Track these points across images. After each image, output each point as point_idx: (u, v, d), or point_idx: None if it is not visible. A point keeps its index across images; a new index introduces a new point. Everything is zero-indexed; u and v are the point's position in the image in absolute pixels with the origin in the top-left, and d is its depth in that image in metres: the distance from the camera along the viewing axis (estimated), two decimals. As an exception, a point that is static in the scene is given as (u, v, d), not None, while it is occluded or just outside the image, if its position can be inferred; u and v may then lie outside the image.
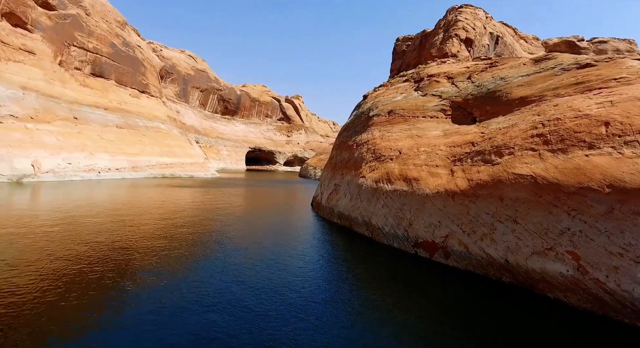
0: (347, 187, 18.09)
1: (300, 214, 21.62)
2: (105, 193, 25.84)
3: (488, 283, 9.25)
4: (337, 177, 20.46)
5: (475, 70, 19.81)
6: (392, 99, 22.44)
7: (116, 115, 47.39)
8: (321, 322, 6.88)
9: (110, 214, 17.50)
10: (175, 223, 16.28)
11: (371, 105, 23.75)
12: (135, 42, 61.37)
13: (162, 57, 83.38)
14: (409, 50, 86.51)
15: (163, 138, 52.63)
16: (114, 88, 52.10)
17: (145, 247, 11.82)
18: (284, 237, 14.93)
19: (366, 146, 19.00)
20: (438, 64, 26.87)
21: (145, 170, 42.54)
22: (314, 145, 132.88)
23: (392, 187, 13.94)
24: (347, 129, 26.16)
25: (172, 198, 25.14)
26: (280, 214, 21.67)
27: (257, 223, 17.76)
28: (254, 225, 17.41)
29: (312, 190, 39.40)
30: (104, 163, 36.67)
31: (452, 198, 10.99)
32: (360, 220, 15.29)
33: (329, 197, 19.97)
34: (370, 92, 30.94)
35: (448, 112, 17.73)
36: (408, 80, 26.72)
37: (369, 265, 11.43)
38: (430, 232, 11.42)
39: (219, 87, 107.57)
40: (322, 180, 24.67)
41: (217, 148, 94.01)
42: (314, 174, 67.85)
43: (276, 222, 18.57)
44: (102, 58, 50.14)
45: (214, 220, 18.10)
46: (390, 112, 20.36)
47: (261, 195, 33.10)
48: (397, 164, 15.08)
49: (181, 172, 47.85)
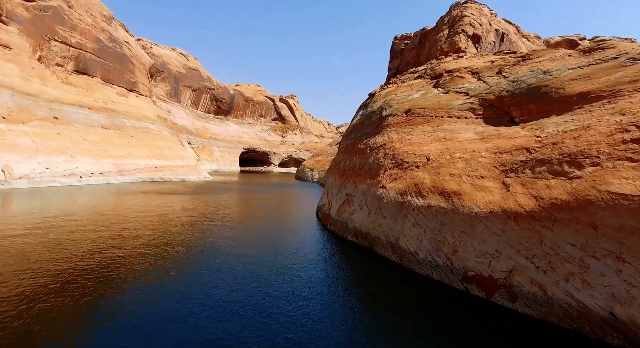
0: (363, 198, 15.60)
1: (306, 228, 19.08)
2: (82, 203, 23.01)
3: (585, 344, 6.84)
4: (349, 186, 17.97)
5: (505, 64, 17.49)
6: (408, 97, 20.04)
7: (102, 115, 44.33)
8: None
9: (80, 229, 14.78)
10: (158, 252, 13.63)
11: (383, 104, 21.34)
12: (123, 37, 58.19)
13: (152, 55, 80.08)
14: (408, 49, 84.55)
15: (153, 139, 49.64)
16: (100, 86, 48.99)
17: (117, 282, 9.21)
18: (289, 260, 12.39)
19: (383, 150, 16.56)
20: (454, 58, 24.56)
21: (132, 174, 39.58)
22: (309, 145, 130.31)
23: (425, 202, 11.49)
24: (355, 130, 23.72)
25: (158, 210, 22.42)
26: (282, 228, 19.10)
27: (255, 240, 15.18)
28: (253, 243, 14.82)
29: (313, 196, 36.98)
30: (87, 167, 33.68)
31: (515, 221, 8.57)
32: (384, 241, 12.81)
33: (341, 208, 17.46)
34: (377, 90, 28.56)
35: (478, 111, 15.38)
36: (421, 76, 24.37)
37: (404, 305, 8.94)
38: (484, 264, 8.99)
39: (211, 86, 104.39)
40: (329, 188, 22.17)
41: (210, 149, 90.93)
42: (312, 176, 65.32)
43: (278, 240, 16.01)
44: (86, 54, 46.99)
45: (204, 241, 15.48)
46: (409, 111, 17.95)
47: (258, 203, 30.48)
48: (427, 173, 12.64)
49: (172, 175, 44.94)
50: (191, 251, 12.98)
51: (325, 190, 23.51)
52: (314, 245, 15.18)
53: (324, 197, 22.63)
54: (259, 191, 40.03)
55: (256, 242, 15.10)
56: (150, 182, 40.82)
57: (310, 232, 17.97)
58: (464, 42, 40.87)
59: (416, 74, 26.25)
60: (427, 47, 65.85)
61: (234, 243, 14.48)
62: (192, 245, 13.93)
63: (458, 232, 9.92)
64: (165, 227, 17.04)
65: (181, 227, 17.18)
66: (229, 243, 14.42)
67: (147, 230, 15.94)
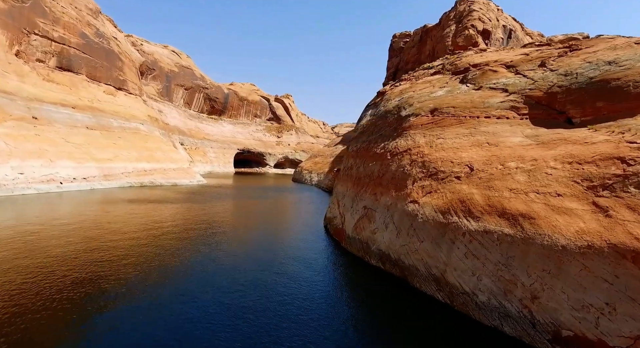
0: (387, 214, 13.11)
1: (316, 247, 16.50)
2: (56, 214, 20.20)
3: None
4: (366, 197, 15.46)
5: (547, 56, 15.13)
6: (431, 94, 17.62)
7: (87, 115, 41.25)
8: None
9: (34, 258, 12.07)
10: (143, 278, 11.02)
11: (399, 103, 18.89)
12: (111, 33, 55.03)
13: (143, 52, 76.81)
14: (408, 47, 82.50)
15: (142, 140, 46.63)
16: (85, 84, 45.87)
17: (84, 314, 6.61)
18: (300, 294, 9.85)
19: (408, 157, 14.09)
20: (476, 52, 22.20)
21: (119, 179, 36.63)
22: (305, 146, 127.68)
23: (480, 226, 9.03)
24: (366, 132, 21.25)
25: (144, 224, 19.73)
26: (287, 247, 16.51)
27: (256, 265, 12.61)
28: (253, 268, 12.25)
29: (316, 202, 34.44)
30: (68, 171, 30.71)
31: (636, 262, 6.12)
32: (424, 272, 10.32)
33: (359, 224, 14.95)
34: (387, 88, 26.13)
35: (522, 110, 13.00)
36: (440, 72, 21.99)
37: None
38: (588, 321, 6.53)
39: (205, 85, 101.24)
40: (339, 197, 19.65)
41: (203, 150, 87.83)
42: (310, 178, 62.71)
43: (284, 264, 13.44)
44: (70, 49, 43.84)
45: (195, 262, 12.87)
46: (435, 110, 15.51)
47: (256, 212, 27.86)
48: (475, 187, 10.20)
49: (163, 179, 42.03)
50: (180, 280, 10.38)
51: (333, 199, 20.99)
52: (329, 272, 12.65)
53: (333, 207, 20.11)
54: (256, 197, 37.35)
55: (257, 266, 12.53)
56: (140, 186, 37.89)
57: (322, 253, 15.42)
58: (474, 37, 38.70)
59: (431, 69, 23.87)
60: (430, 44, 63.69)
61: (229, 271, 11.89)
62: (181, 273, 11.33)
63: (537, 270, 7.47)
64: (150, 257, 14.39)
65: (169, 251, 14.54)
66: (224, 268, 11.84)
67: (127, 260, 13.28)
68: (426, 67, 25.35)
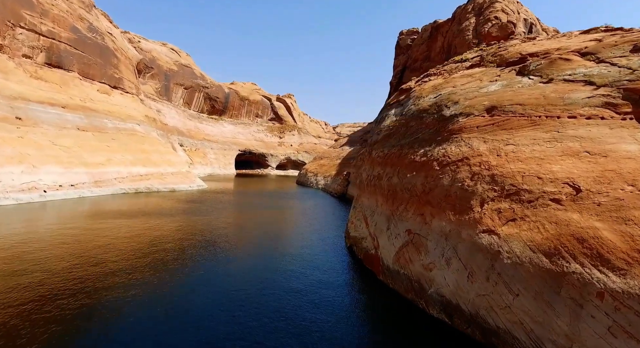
0: (447, 244, 10.00)
1: (342, 280, 13.34)
2: (29, 233, 17.11)
3: None
4: (409, 218, 12.35)
5: (636, 39, 12.02)
6: (480, 89, 14.51)
7: (78, 115, 38.16)
8: None
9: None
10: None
11: (438, 100, 15.79)
12: (105, 28, 51.94)
13: (140, 50, 73.75)
14: (416, 44, 79.22)
15: (138, 142, 43.53)
16: (77, 82, 42.79)
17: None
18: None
19: (466, 168, 10.99)
20: (523, 40, 19.06)
21: (112, 185, 33.52)
22: (307, 147, 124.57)
23: (632, 285, 5.91)
24: (394, 134, 18.16)
25: (135, 249, 16.66)
26: (307, 280, 13.37)
27: (273, 313, 9.51)
28: (266, 320, 9.14)
29: (327, 210, 31.20)
30: (53, 178, 27.61)
31: None
32: (528, 345, 7.17)
33: (402, 253, 11.83)
34: (412, 84, 23.01)
35: (623, 107, 9.90)
36: (479, 64, 18.91)
37: None
38: None
39: (205, 85, 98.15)
40: (367, 212, 16.54)
41: (203, 151, 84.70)
42: (316, 182, 59.56)
43: (302, 307, 10.33)
44: (60, 44, 40.75)
45: (194, 309, 9.78)
46: (493, 109, 12.41)
47: (264, 225, 24.76)
48: (595, 218, 7.08)
49: (160, 184, 38.90)
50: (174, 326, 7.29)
51: (358, 214, 17.88)
52: (369, 327, 9.52)
53: (359, 224, 17.00)
54: (262, 206, 34.20)
55: (273, 317, 9.41)
56: (134, 193, 34.79)
57: (352, 289, 12.29)
58: (497, 29, 35.59)
59: (466, 62, 20.77)
60: (441, 40, 60.45)
61: (234, 313, 8.79)
62: (193, 308, 8.23)
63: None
64: (148, 298, 11.29)
65: (171, 291, 11.46)
66: (230, 307, 8.73)
67: (117, 307, 10.19)
68: (458, 60, 22.23)
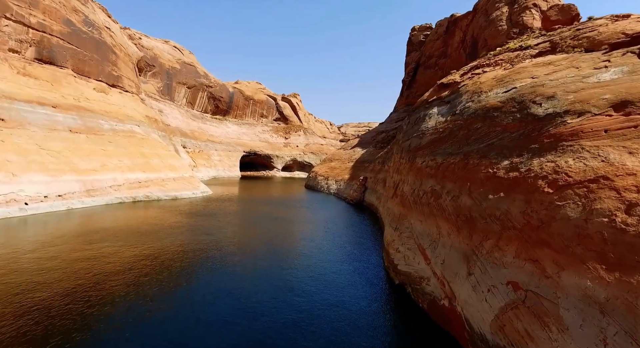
0: (610, 324, 6.25)
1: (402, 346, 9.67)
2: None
3: None
4: (510, 263, 8.61)
5: None
6: (586, 79, 10.76)
7: (71, 115, 34.69)
8: None
9: None
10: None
11: (517, 95, 12.05)
12: (103, 22, 48.50)
13: (141, 47, 70.37)
14: (430, 40, 75.11)
15: (137, 145, 40.03)
16: (72, 79, 39.32)
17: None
18: None
19: (610, 194, 7.22)
20: (612, 20, 15.25)
21: (107, 194, 30.01)
22: (314, 148, 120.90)
23: None
24: (444, 138, 14.49)
25: (119, 292, 13.09)
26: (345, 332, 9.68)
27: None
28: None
29: (347, 221, 26.49)
30: (37, 188, 24.11)
31: None
32: None
33: (507, 319, 8.09)
34: (456, 78, 19.28)
35: None
36: (552, 51, 15.14)
37: None
38: None
39: (209, 84, 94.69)
40: (423, 240, 12.81)
41: (207, 153, 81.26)
42: (327, 186, 55.83)
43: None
44: (52, 38, 37.30)
45: None
46: (625, 105, 8.69)
47: (277, 246, 21.14)
48: None
49: (160, 192, 35.36)
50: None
51: (407, 239, 14.18)
52: None
53: (410, 254, 13.29)
54: (272, 217, 30.51)
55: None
56: (132, 203, 31.27)
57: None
58: (537, 19, 31.78)
59: (528, 49, 17.02)
60: (461, 34, 56.45)
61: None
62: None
63: None
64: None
65: None
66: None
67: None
68: (515, 48, 18.46)
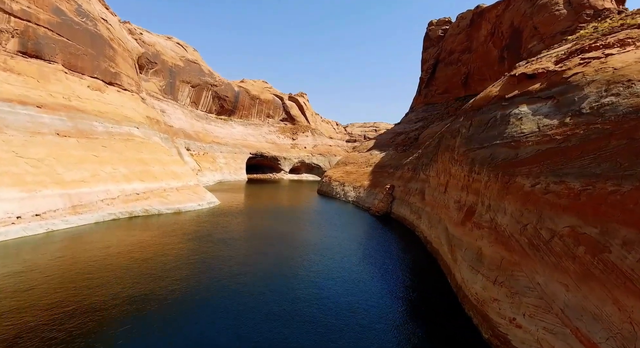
0: None
1: None
2: None
3: None
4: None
5: None
6: None
7: (59, 117, 30.11)
8: None
9: None
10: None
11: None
12: (99, 13, 43.90)
13: (142, 42, 65.85)
14: (452, 34, 69.74)
15: (135, 150, 35.40)
16: (62, 76, 34.72)
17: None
18: None
19: None
20: None
21: (97, 209, 25.34)
22: (322, 149, 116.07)
23: None
24: (568, 151, 9.63)
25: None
26: None
27: None
28: None
29: (384, 243, 20.06)
30: (8, 206, 19.48)
31: None
32: None
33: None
34: (555, 67, 14.47)
35: None
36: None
37: None
38: None
39: (213, 82, 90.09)
40: (587, 328, 7.99)
41: (212, 155, 76.63)
42: (343, 193, 50.97)
43: None
44: (38, 29, 32.72)
45: None
46: None
47: (306, 290, 16.40)
48: None
49: (161, 204, 30.68)
50: None
51: (527, 305, 9.37)
52: None
53: (546, 338, 8.46)
54: (290, 238, 25.69)
55: None
56: (128, 220, 26.59)
57: None
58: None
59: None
60: (488, 27, 51.24)
61: None
62: None
63: None
64: None
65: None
66: None
67: None
68: (633, 25, 13.61)
